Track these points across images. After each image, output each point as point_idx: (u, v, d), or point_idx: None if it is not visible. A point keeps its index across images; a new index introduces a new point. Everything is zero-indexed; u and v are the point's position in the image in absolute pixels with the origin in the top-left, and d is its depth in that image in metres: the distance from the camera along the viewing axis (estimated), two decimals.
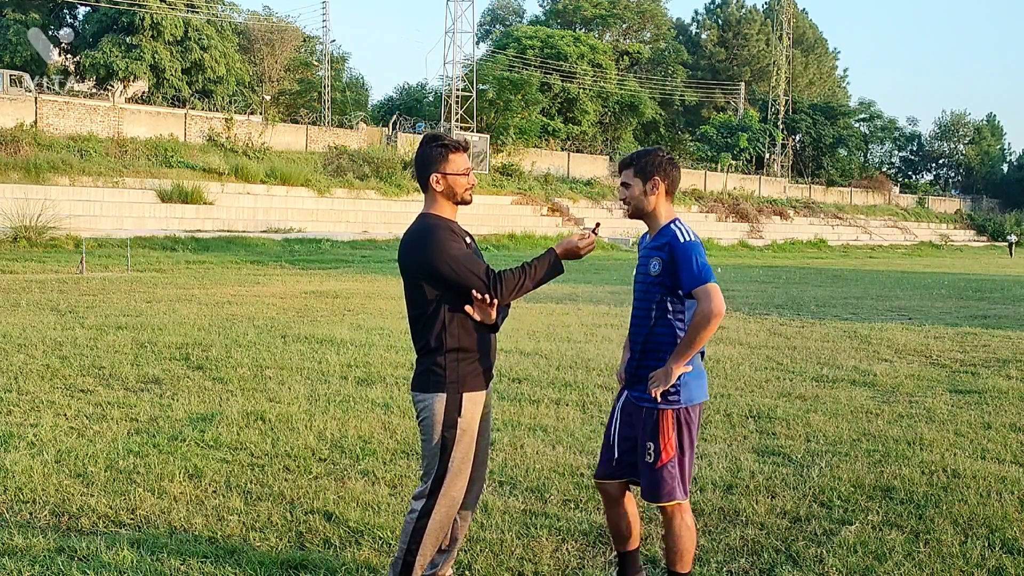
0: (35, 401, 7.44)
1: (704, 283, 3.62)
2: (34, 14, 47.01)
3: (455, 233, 3.71)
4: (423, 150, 3.81)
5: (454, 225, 3.77)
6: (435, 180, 3.75)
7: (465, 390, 3.69)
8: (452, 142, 3.77)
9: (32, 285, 17.86)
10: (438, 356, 3.68)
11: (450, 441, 3.68)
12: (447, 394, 3.67)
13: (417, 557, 3.70)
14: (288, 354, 10.07)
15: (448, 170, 3.74)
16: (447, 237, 3.65)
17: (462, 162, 3.77)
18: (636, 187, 3.84)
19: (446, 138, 3.81)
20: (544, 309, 15.80)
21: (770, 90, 73.60)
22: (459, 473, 3.72)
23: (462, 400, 3.68)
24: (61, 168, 33.38)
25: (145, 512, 4.92)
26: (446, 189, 3.76)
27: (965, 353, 11.46)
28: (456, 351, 3.67)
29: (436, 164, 3.75)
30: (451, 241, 3.65)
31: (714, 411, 7.70)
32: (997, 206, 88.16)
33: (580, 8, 72.78)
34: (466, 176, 3.77)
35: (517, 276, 3.64)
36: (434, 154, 3.76)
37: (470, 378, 3.70)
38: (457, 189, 3.76)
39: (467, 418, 3.70)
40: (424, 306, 3.70)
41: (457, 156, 3.75)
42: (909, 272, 34.38)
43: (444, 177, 3.74)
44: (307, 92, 60.11)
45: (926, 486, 5.67)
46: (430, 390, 3.69)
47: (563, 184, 53.25)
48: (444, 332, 3.66)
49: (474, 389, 3.71)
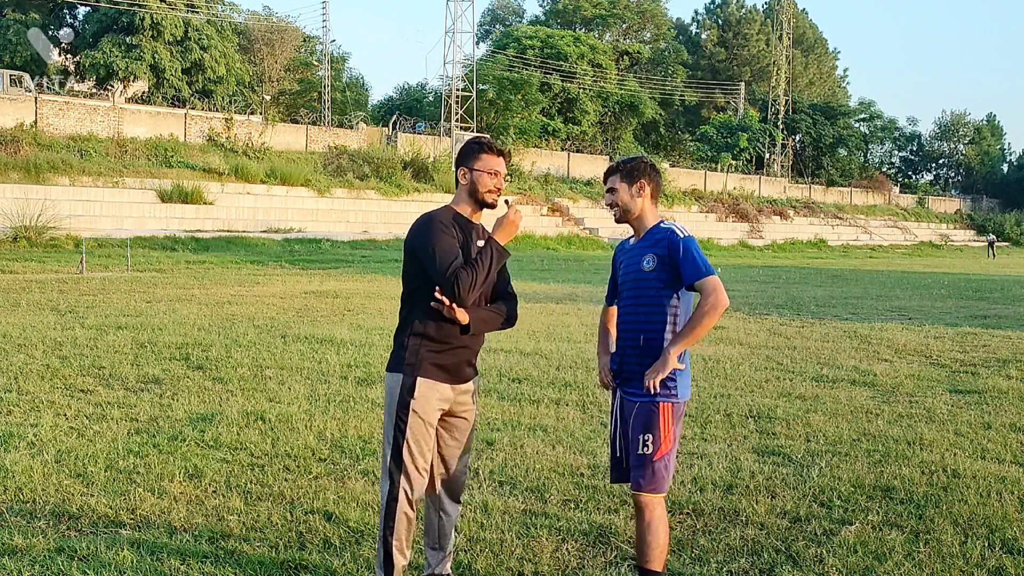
0: (35, 401, 7.44)
1: (707, 276, 3.73)
2: (34, 14, 47.01)
3: (453, 227, 3.78)
4: (463, 146, 3.95)
5: (461, 220, 3.84)
6: (461, 174, 3.89)
7: (420, 374, 3.75)
8: (490, 144, 3.89)
9: (32, 285, 17.86)
10: (403, 336, 3.82)
11: (403, 423, 3.74)
12: (403, 375, 3.76)
13: (393, 540, 3.77)
14: (288, 354, 10.07)
15: (475, 166, 3.85)
16: (439, 227, 3.75)
17: (492, 163, 3.86)
18: (623, 191, 3.95)
19: (486, 140, 3.93)
20: (544, 309, 15.80)
21: (770, 90, 73.62)
22: (416, 457, 3.75)
23: (416, 383, 3.75)
24: (61, 168, 33.39)
25: (145, 512, 4.92)
26: (469, 184, 3.87)
27: (965, 353, 11.46)
28: (420, 336, 3.77)
29: (466, 159, 3.89)
30: (440, 232, 3.73)
31: (714, 411, 7.70)
32: (997, 206, 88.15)
33: (580, 8, 72.78)
34: (492, 177, 3.85)
35: (471, 272, 3.69)
36: (468, 150, 3.90)
37: (428, 365, 3.76)
38: (480, 187, 3.85)
39: (420, 402, 3.74)
40: (408, 286, 3.85)
41: (488, 156, 3.86)
42: (909, 272, 34.38)
43: (470, 171, 3.86)
44: (307, 92, 60.12)
45: (926, 486, 5.67)
46: (391, 370, 3.83)
47: (563, 184, 53.28)
48: (413, 315, 3.79)
49: (431, 376, 3.76)
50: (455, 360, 3.82)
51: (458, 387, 3.86)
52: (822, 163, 76.06)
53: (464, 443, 3.97)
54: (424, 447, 3.78)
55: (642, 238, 3.96)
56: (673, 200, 54.95)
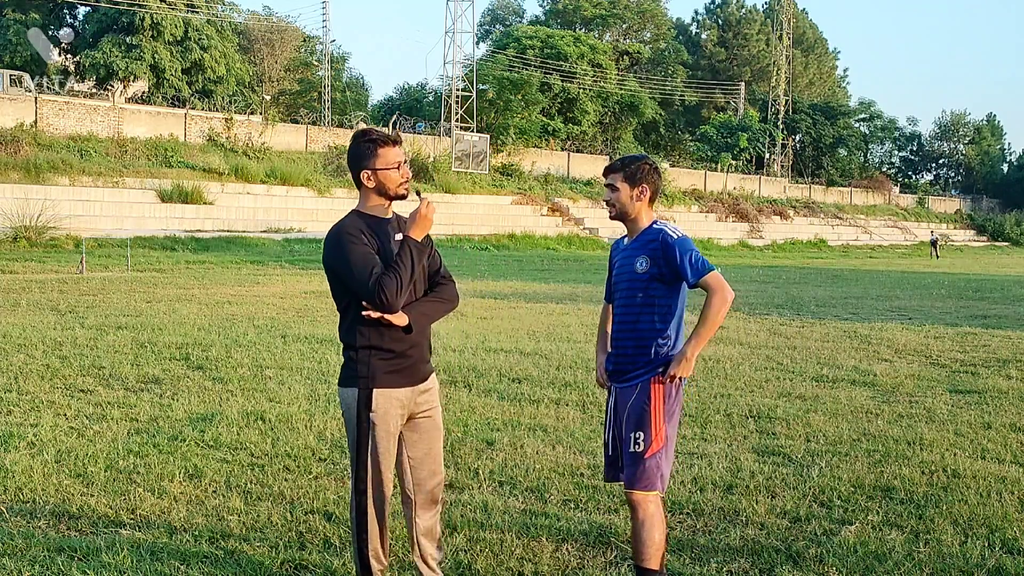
0: (35, 401, 7.44)
1: (709, 272, 3.78)
2: (34, 14, 46.99)
3: (362, 234, 3.65)
4: (352, 146, 3.75)
5: (371, 224, 3.71)
6: (366, 177, 3.70)
7: (376, 386, 3.68)
8: (381, 136, 3.71)
9: (32, 285, 17.86)
10: (351, 352, 3.73)
11: (363, 435, 3.70)
12: (359, 389, 3.70)
13: (368, 550, 3.78)
14: (288, 354, 10.07)
15: (377, 165, 3.68)
16: (348, 240, 3.61)
17: (392, 156, 3.69)
18: (624, 191, 3.97)
19: (375, 132, 3.74)
20: (544, 309, 15.79)
21: (770, 90, 73.60)
22: (379, 467, 3.72)
23: (372, 395, 3.68)
24: (61, 168, 33.38)
25: (145, 512, 4.92)
26: (378, 185, 3.71)
27: (965, 353, 11.46)
28: (368, 348, 3.68)
29: (365, 160, 3.69)
30: (351, 244, 3.60)
31: (714, 411, 7.70)
32: (997, 206, 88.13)
33: (580, 8, 72.77)
34: (397, 170, 3.71)
35: (394, 277, 3.56)
36: (363, 150, 3.70)
37: (383, 375, 3.69)
38: (389, 184, 3.71)
39: (380, 413, 3.69)
40: (339, 302, 3.74)
41: (386, 150, 3.68)
42: (909, 272, 34.38)
43: (375, 173, 3.69)
44: (307, 92, 60.14)
45: (926, 486, 5.67)
46: (344, 385, 3.75)
47: (563, 184, 53.27)
48: (356, 329, 3.68)
49: (388, 386, 3.70)
50: (408, 363, 3.75)
51: (417, 388, 3.80)
52: (822, 163, 76.04)
53: (432, 442, 3.89)
54: (389, 457, 3.75)
55: (636, 239, 4.00)
56: (673, 200, 54.95)
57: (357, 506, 3.75)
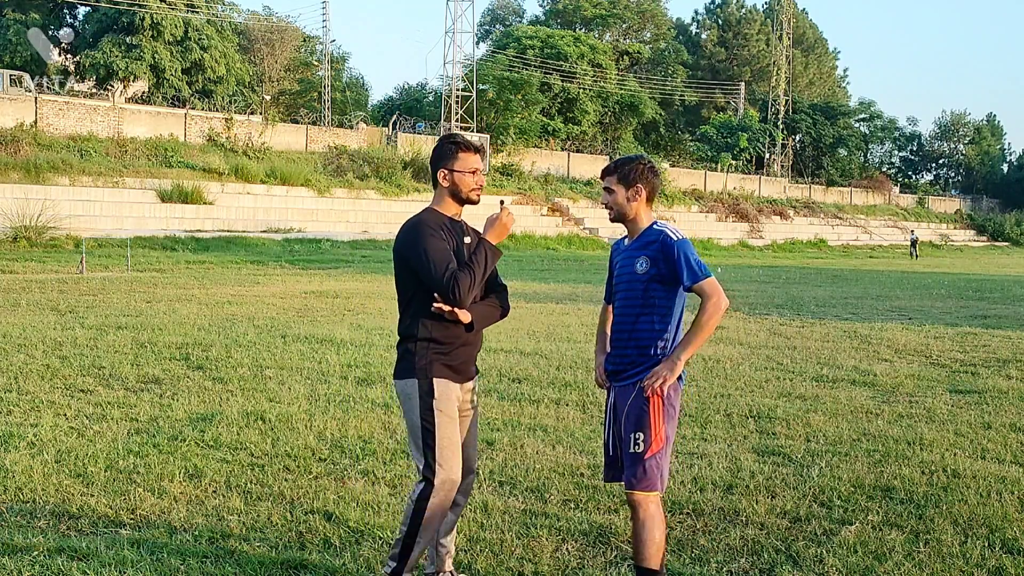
0: (35, 401, 7.44)
1: (706, 278, 3.79)
2: (34, 14, 47.00)
3: (441, 230, 3.80)
4: (437, 146, 3.95)
5: (447, 222, 3.87)
6: (442, 176, 3.89)
7: (435, 376, 3.80)
8: (464, 142, 3.89)
9: (32, 285, 17.86)
10: (410, 343, 3.83)
11: (431, 423, 3.77)
12: (418, 379, 3.79)
13: (416, 540, 3.78)
14: (288, 354, 10.07)
15: (456, 167, 3.86)
16: (427, 232, 3.77)
17: (471, 162, 3.88)
18: (619, 193, 3.97)
19: (460, 137, 3.93)
20: (544, 309, 15.79)
21: (770, 90, 73.59)
22: (450, 453, 3.78)
23: (432, 383, 3.79)
24: (61, 168, 33.38)
25: (145, 512, 4.92)
26: (451, 186, 3.88)
27: (965, 353, 11.46)
28: (427, 340, 3.80)
29: (445, 160, 3.89)
30: (430, 236, 3.76)
31: (714, 411, 7.70)
32: (997, 206, 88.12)
33: (580, 8, 72.77)
34: (472, 175, 3.88)
35: (468, 274, 3.72)
36: (445, 150, 3.90)
37: (439, 367, 3.81)
38: (462, 187, 3.88)
39: (442, 400, 3.79)
40: (405, 293, 3.87)
41: (467, 155, 3.87)
42: (909, 272, 34.38)
43: (451, 173, 3.87)
44: (307, 92, 60.12)
45: (926, 486, 5.67)
46: (403, 376, 3.84)
47: (563, 184, 53.27)
48: (418, 322, 3.81)
49: (444, 377, 3.81)
50: (462, 360, 3.88)
51: (464, 385, 3.92)
52: (822, 163, 76.03)
53: (469, 439, 4.00)
54: (455, 444, 3.82)
55: (636, 239, 3.99)
56: (673, 200, 54.94)
57: (421, 493, 3.77)
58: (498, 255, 3.86)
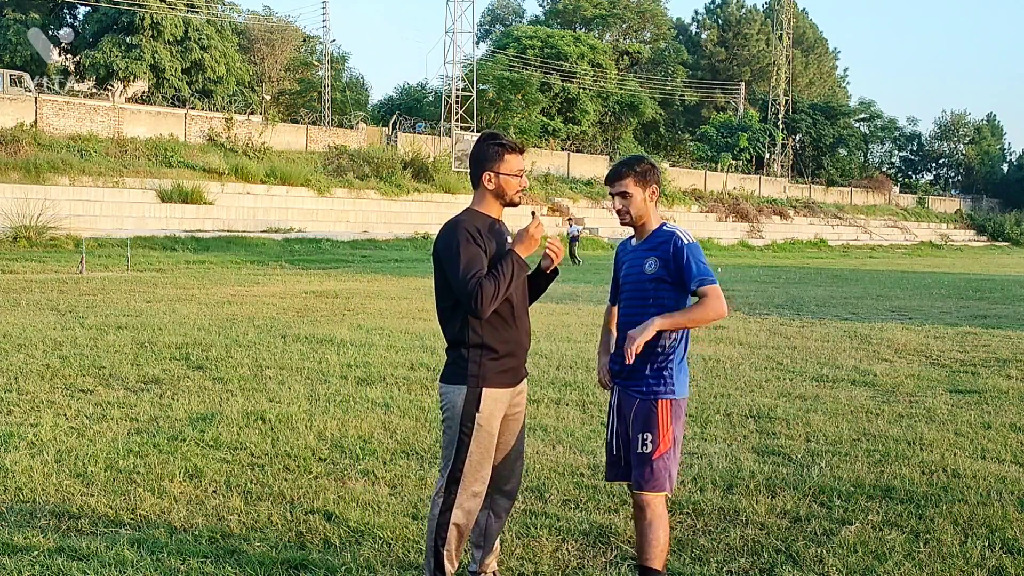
0: (35, 401, 7.44)
1: (710, 284, 3.77)
2: (34, 14, 47.00)
3: (479, 233, 3.70)
4: (480, 147, 3.83)
5: (488, 224, 3.78)
6: (487, 178, 3.79)
7: (486, 385, 3.71)
8: (510, 143, 3.80)
9: (32, 285, 17.86)
10: (462, 349, 3.74)
11: (467, 436, 3.71)
12: (467, 387, 3.71)
13: (444, 549, 3.76)
14: (288, 354, 10.07)
15: (502, 170, 3.78)
16: (464, 236, 3.66)
17: (516, 164, 3.80)
18: (637, 196, 3.91)
19: (504, 138, 3.82)
20: (544, 309, 15.79)
21: (770, 90, 73.58)
22: (477, 468, 3.74)
23: (481, 395, 3.71)
24: (61, 168, 33.38)
25: (145, 512, 4.92)
26: (496, 188, 3.80)
27: (965, 353, 11.46)
28: (480, 347, 3.71)
29: (491, 162, 3.78)
30: (465, 240, 3.65)
31: (714, 411, 7.70)
32: (997, 206, 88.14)
33: (580, 8, 72.78)
34: (518, 178, 3.81)
35: (493, 283, 3.61)
36: (490, 152, 3.79)
37: (492, 375, 3.72)
38: (507, 189, 3.80)
39: (485, 414, 3.72)
40: (449, 298, 3.75)
41: (512, 157, 3.79)
42: (909, 272, 34.38)
43: (497, 176, 3.78)
44: (307, 92, 60.10)
45: (926, 486, 5.67)
46: (452, 382, 3.75)
47: (563, 184, 53.26)
48: (467, 327, 3.71)
49: (496, 386, 3.73)
50: (513, 364, 3.81)
51: (515, 388, 3.86)
52: (822, 163, 76.03)
53: (516, 442, 3.94)
54: (487, 459, 3.76)
55: (645, 240, 3.95)
56: (673, 200, 54.93)
57: (444, 503, 3.74)
58: (525, 269, 3.75)
